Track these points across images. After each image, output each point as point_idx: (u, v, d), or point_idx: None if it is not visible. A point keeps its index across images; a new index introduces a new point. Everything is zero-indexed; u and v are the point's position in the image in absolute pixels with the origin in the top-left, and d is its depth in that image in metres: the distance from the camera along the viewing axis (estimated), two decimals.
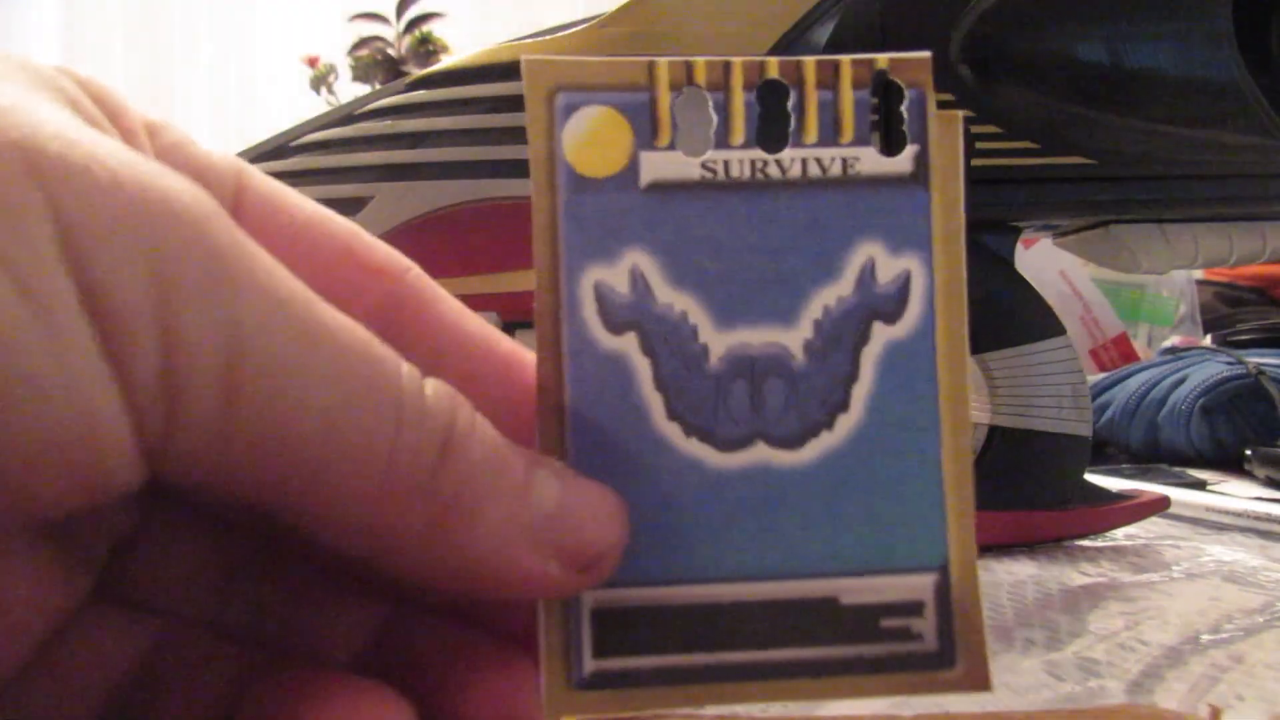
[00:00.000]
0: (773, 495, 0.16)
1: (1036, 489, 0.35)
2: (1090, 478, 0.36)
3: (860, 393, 0.16)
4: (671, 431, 0.16)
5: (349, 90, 1.34)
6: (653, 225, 0.16)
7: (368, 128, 0.33)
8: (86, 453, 0.11)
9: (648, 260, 0.16)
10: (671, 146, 0.16)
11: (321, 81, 1.44)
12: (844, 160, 0.16)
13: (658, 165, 0.16)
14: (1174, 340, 0.77)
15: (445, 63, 0.34)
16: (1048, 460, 0.35)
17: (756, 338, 0.16)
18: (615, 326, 0.16)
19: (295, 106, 2.34)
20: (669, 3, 0.33)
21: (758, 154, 0.16)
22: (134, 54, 2.61)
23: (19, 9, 2.62)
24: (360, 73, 1.35)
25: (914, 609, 0.16)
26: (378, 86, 1.28)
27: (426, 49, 1.32)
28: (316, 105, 1.43)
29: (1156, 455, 0.57)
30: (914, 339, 0.16)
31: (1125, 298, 0.85)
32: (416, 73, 0.35)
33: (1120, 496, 0.36)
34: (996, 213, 0.34)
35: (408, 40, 1.34)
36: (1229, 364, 0.57)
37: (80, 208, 0.11)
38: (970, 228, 0.37)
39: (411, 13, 1.35)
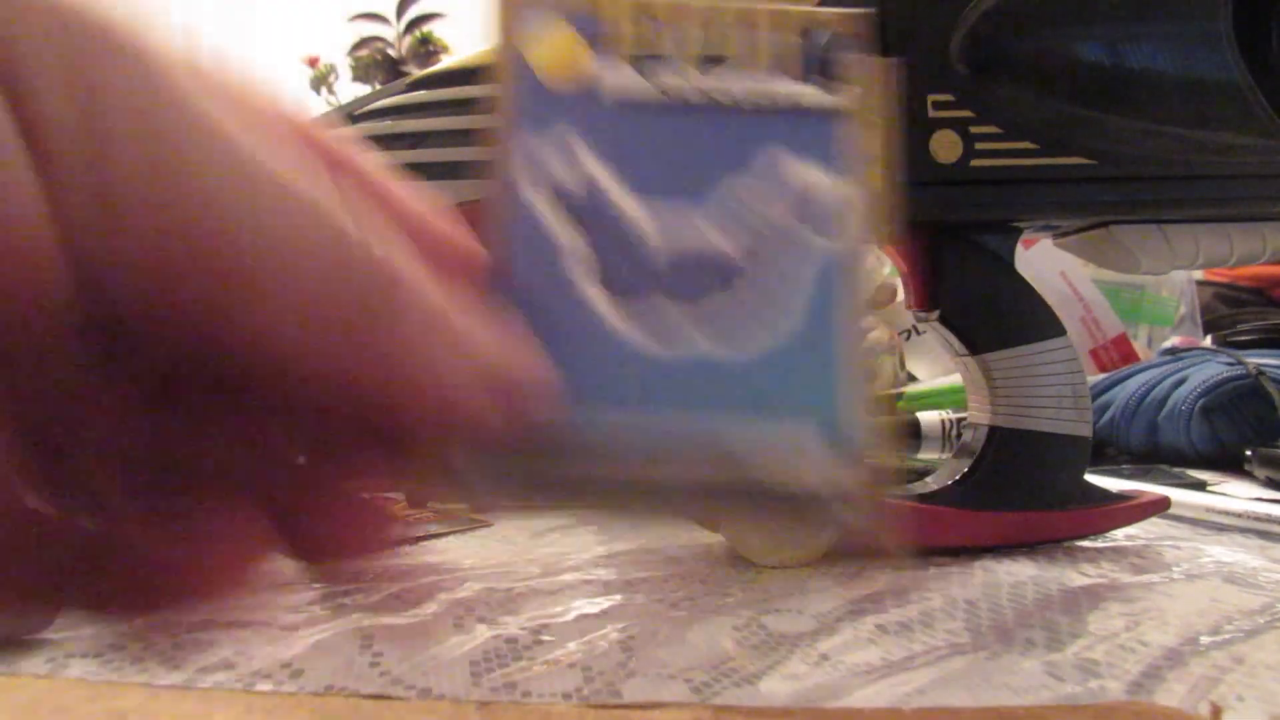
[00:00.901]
0: (695, 374, 0.18)
1: (1036, 489, 0.35)
2: (1090, 478, 0.36)
3: (783, 294, 0.18)
4: (605, 308, 0.18)
5: (349, 90, 1.34)
6: (606, 132, 0.18)
7: (368, 128, 0.33)
8: (14, 264, 0.12)
9: (599, 162, 0.18)
10: (628, 66, 0.19)
11: (321, 81, 1.44)
12: (782, 93, 0.19)
13: (614, 81, 0.19)
14: (1174, 341, 0.77)
15: (445, 63, 0.34)
16: (1048, 460, 0.35)
17: (694, 239, 0.18)
18: (565, 216, 0.18)
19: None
20: None
21: (707, 80, 0.19)
22: None
23: None
24: (360, 73, 1.35)
25: (798, 451, 0.18)
26: (378, 86, 1.28)
27: (426, 49, 1.32)
28: (316, 105, 1.43)
29: (1157, 456, 0.57)
30: (834, 250, 0.18)
31: (1125, 298, 0.85)
32: (416, 73, 0.35)
33: (1120, 497, 0.36)
34: (996, 213, 0.34)
35: (408, 40, 1.34)
36: (1229, 364, 0.57)
37: (9, 18, 0.12)
38: (970, 228, 0.37)
39: (412, 13, 1.35)
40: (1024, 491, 0.35)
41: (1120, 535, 0.37)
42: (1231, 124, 0.33)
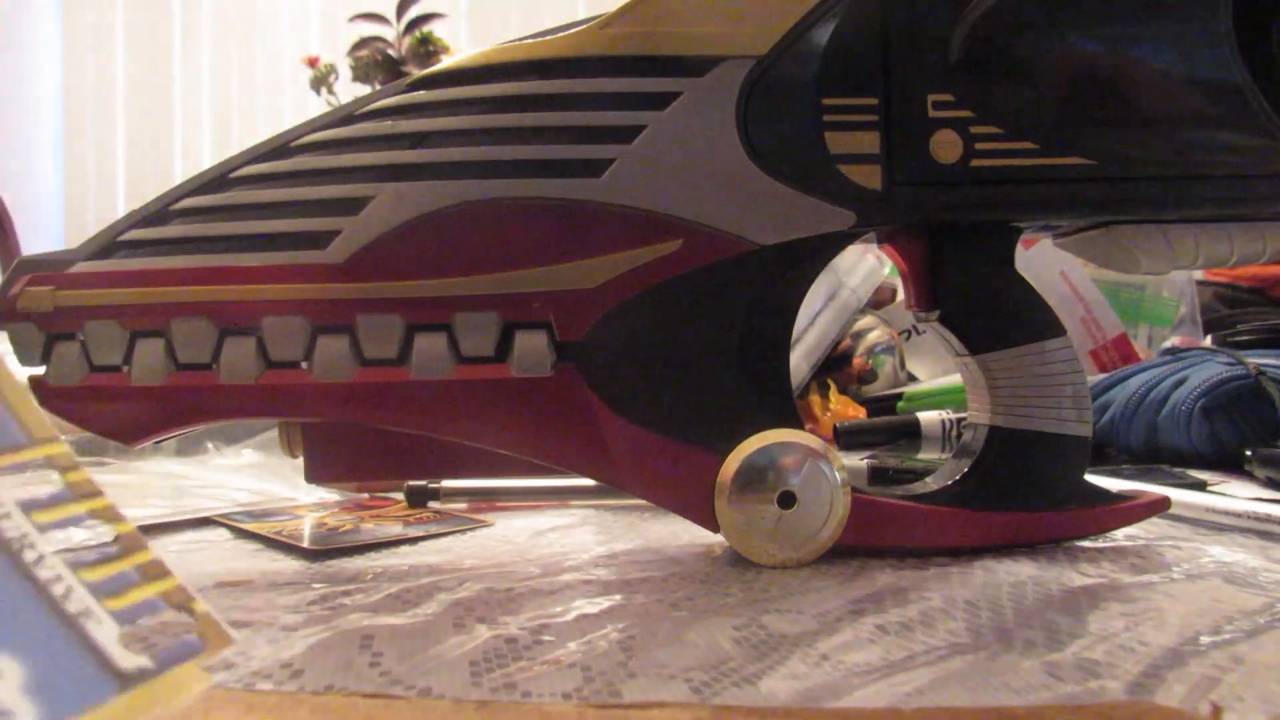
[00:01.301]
0: None
1: (1036, 489, 0.35)
2: (1090, 478, 0.36)
3: None
4: None
5: (349, 90, 1.34)
6: None
7: (368, 128, 0.33)
8: None
9: None
10: None
11: (321, 82, 1.44)
12: None
13: None
14: (1174, 341, 0.77)
15: (446, 63, 0.34)
16: (1048, 461, 0.35)
17: None
18: None
19: (295, 106, 2.34)
20: (671, 3, 0.33)
21: None
22: (134, 54, 2.61)
23: (19, 9, 2.61)
24: (360, 73, 1.34)
25: None
26: (378, 87, 1.28)
27: (426, 49, 1.32)
28: (317, 105, 1.43)
29: (1157, 456, 0.57)
30: None
31: (1125, 298, 0.85)
32: (417, 73, 0.35)
33: (1120, 497, 0.36)
34: (997, 213, 0.34)
35: (408, 40, 1.34)
36: (1229, 365, 0.57)
37: None
38: (970, 228, 0.37)
39: (412, 13, 1.34)
40: (1024, 492, 0.35)
41: (1120, 535, 0.37)
42: (1231, 124, 0.33)
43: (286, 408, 0.33)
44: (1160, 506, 0.36)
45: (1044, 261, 0.75)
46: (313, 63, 1.43)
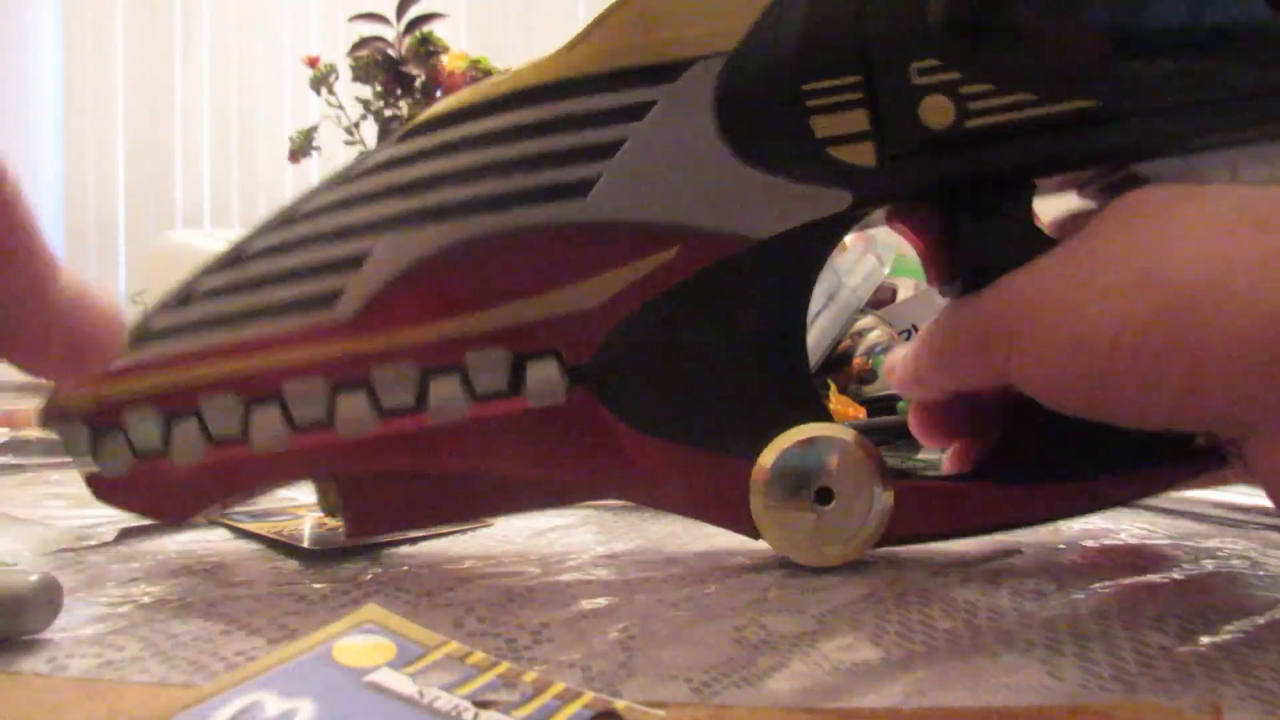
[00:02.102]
0: None
1: (1072, 457, 0.32)
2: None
3: None
4: None
5: (349, 90, 1.34)
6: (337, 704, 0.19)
7: (363, 186, 0.33)
8: None
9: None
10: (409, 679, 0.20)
11: (321, 81, 1.43)
12: None
13: (387, 679, 0.20)
14: None
15: (430, 109, 0.34)
16: (1075, 426, 0.31)
17: None
18: None
19: (295, 106, 2.34)
20: (631, 14, 0.32)
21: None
22: (134, 54, 2.61)
23: (19, 9, 2.62)
24: (360, 73, 1.34)
25: None
26: (378, 86, 1.28)
27: (426, 49, 1.32)
28: (317, 105, 1.43)
29: None
30: None
31: None
32: (408, 122, 0.34)
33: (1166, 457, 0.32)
34: (1000, 170, 0.32)
35: (408, 40, 1.33)
36: None
37: None
38: (977, 190, 0.34)
39: (412, 13, 1.34)
40: (1059, 459, 0.33)
41: (1121, 534, 0.37)
42: (1244, 37, 0.31)
43: (320, 467, 0.34)
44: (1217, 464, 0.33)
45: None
46: (313, 63, 1.43)
